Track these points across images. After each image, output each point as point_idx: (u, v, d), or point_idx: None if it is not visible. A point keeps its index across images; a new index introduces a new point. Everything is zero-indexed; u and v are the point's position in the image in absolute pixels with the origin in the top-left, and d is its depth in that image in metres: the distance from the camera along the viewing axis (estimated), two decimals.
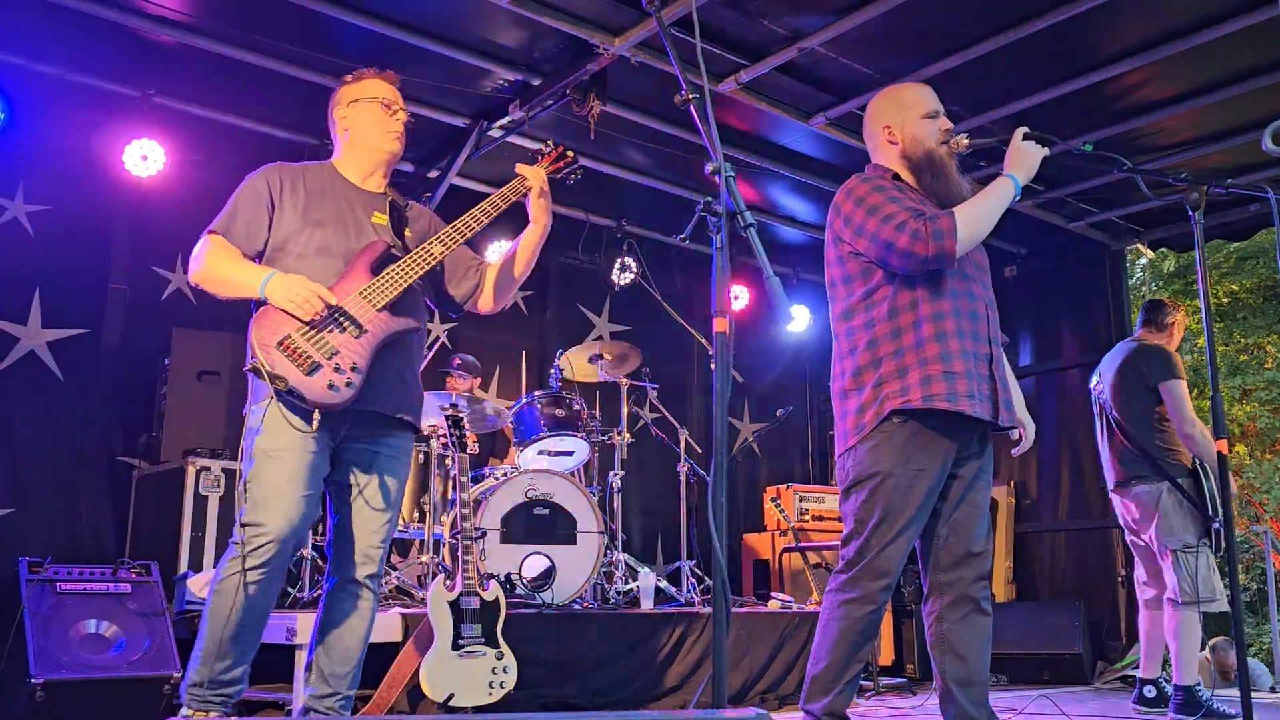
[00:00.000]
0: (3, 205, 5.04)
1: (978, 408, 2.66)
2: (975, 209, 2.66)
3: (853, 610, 2.67)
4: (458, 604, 3.60)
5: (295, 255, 2.75)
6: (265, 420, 2.61)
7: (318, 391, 2.57)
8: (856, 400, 2.74)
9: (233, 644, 2.59)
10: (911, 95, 2.90)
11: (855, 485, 2.72)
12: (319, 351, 2.60)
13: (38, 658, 3.76)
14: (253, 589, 2.58)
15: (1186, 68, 4.72)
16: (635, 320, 7.15)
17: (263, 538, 2.57)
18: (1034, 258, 7.06)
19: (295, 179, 2.84)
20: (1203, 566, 4.19)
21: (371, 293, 2.69)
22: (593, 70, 4.66)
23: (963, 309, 2.72)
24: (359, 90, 2.91)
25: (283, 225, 2.78)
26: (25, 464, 4.93)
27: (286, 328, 2.60)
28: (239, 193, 2.80)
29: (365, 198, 2.90)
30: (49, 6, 4.21)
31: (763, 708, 4.49)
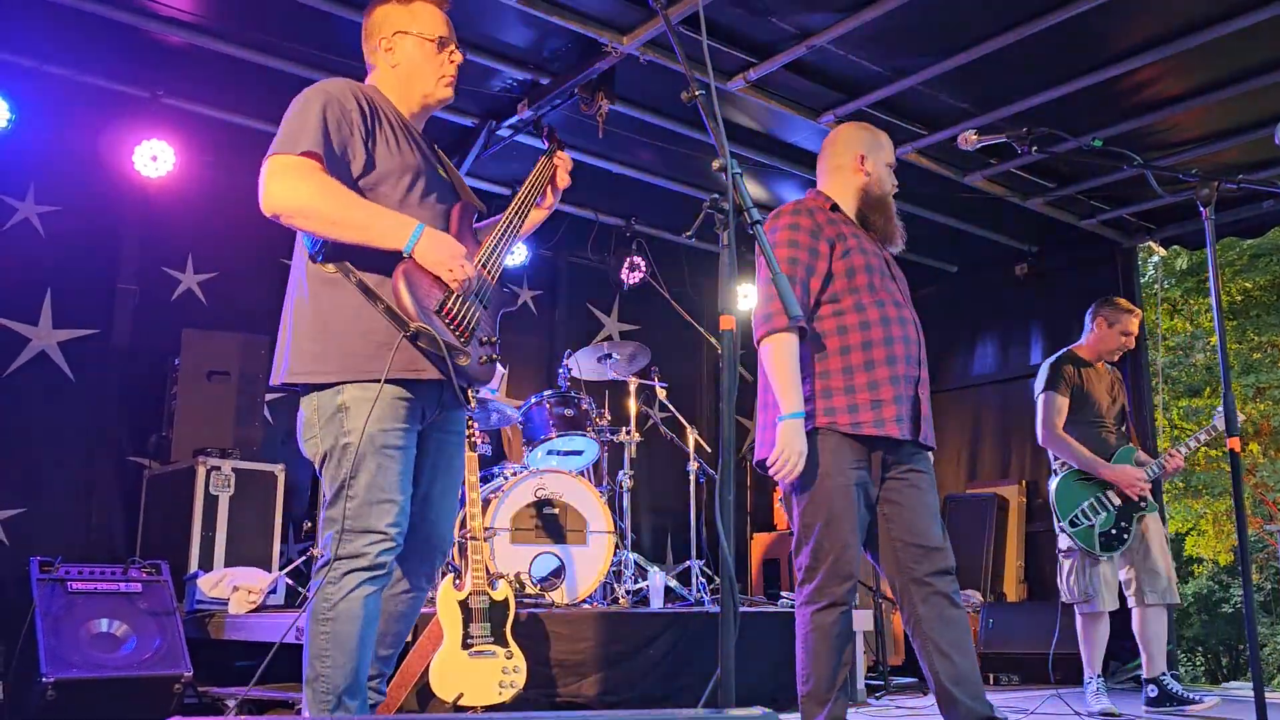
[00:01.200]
0: (14, 206, 5.06)
1: (905, 429, 2.79)
2: (777, 362, 2.76)
3: (825, 618, 2.72)
4: (467, 603, 3.60)
5: (396, 201, 2.34)
6: (362, 404, 2.21)
7: (476, 367, 2.30)
8: (771, 414, 2.83)
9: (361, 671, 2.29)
10: (886, 141, 3.10)
11: (795, 491, 2.79)
12: (471, 321, 2.32)
13: (49, 656, 3.77)
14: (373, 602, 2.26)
15: (1199, 63, 4.68)
16: (644, 319, 7.15)
17: (379, 546, 2.23)
18: (1045, 255, 7.02)
19: (377, 105, 2.39)
20: (1065, 569, 4.47)
21: (489, 261, 2.44)
22: (601, 69, 4.66)
23: (895, 335, 2.83)
24: (410, 19, 2.48)
25: (380, 159, 2.33)
26: (36, 464, 4.95)
27: (439, 291, 2.26)
28: (323, 107, 2.29)
29: (426, 142, 2.54)
30: (58, 8, 4.22)
31: (772, 708, 4.48)
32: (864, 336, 2.80)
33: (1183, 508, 14.78)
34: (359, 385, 2.23)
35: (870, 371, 2.78)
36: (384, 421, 2.23)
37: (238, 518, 4.81)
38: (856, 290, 2.83)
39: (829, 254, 2.83)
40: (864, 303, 2.82)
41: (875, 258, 2.91)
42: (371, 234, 2.22)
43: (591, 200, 6.51)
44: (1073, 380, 4.53)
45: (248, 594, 4.30)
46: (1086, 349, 4.66)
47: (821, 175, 3.11)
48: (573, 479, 4.96)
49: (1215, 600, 14.94)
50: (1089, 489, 4.42)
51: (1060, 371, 4.54)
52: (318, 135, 2.24)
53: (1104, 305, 4.66)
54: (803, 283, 2.80)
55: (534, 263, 6.63)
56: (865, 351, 2.79)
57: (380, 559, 2.24)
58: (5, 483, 4.84)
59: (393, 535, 2.25)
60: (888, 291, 2.87)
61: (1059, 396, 4.49)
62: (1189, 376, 14.51)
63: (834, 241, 2.85)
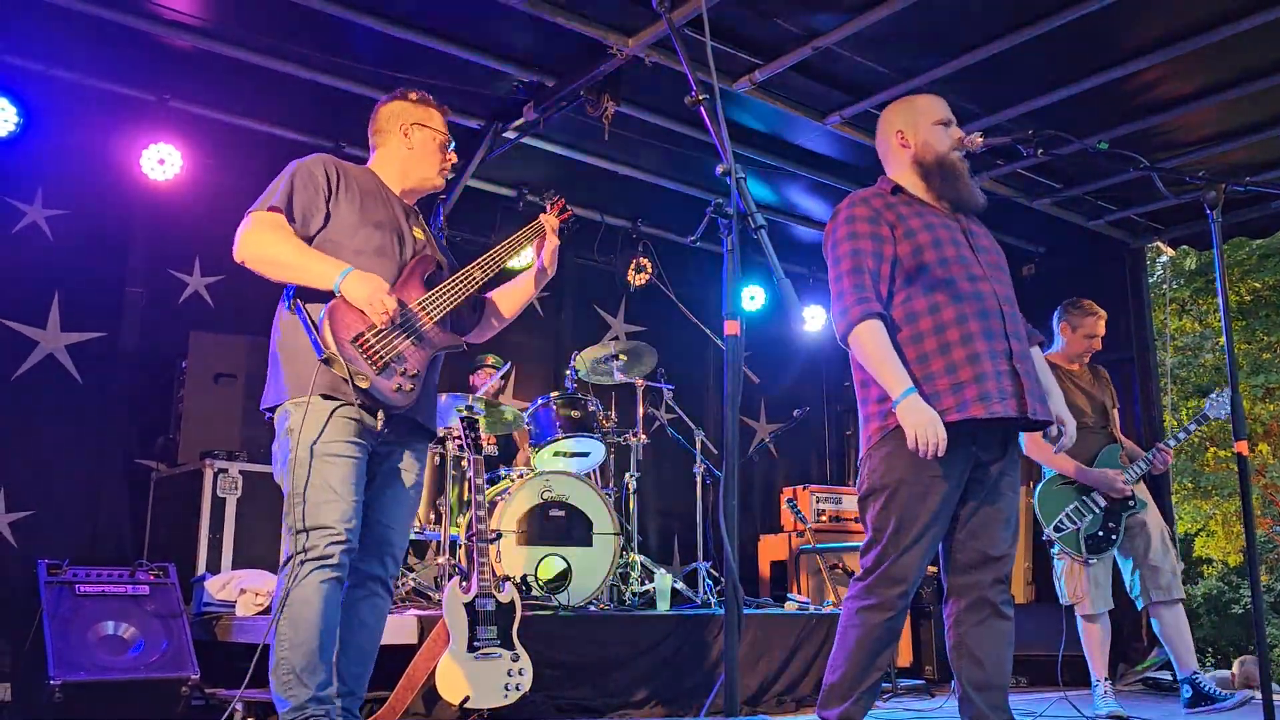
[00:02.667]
0: (22, 210, 5.08)
1: (995, 407, 2.62)
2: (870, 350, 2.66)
3: (870, 618, 2.67)
4: (473, 606, 3.60)
5: (352, 251, 2.70)
6: (323, 421, 2.56)
7: (389, 393, 2.59)
8: (864, 410, 2.78)
9: (320, 655, 2.50)
10: (925, 103, 2.94)
11: (871, 494, 2.72)
12: (389, 353, 2.62)
13: (56, 659, 3.78)
14: (328, 590, 2.50)
15: (1206, 64, 4.67)
16: (651, 321, 7.14)
17: (328, 539, 2.50)
18: (1053, 256, 7.00)
19: (347, 173, 2.82)
20: (1057, 571, 4.49)
21: (430, 305, 2.74)
22: (607, 71, 4.65)
23: (972, 310, 2.68)
24: (427, 117, 2.95)
25: (340, 216, 2.73)
26: (44, 466, 4.97)
27: (359, 325, 2.58)
28: (294, 173, 2.73)
29: (407, 210, 2.93)
30: (66, 13, 4.24)
31: (780, 710, 4.48)
32: (935, 321, 2.68)
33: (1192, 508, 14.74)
34: (297, 404, 2.59)
35: (946, 355, 2.65)
36: (325, 431, 2.56)
37: (245, 520, 4.82)
38: (925, 269, 2.71)
39: (891, 237, 2.73)
40: (934, 282, 2.69)
41: (945, 230, 2.77)
42: (308, 275, 2.61)
43: (597, 202, 6.51)
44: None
45: (255, 596, 4.31)
46: (1058, 355, 4.62)
47: (884, 165, 3.00)
48: (579, 481, 4.96)
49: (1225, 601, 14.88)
50: (1072, 493, 4.40)
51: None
52: (284, 195, 2.67)
53: (1068, 309, 4.64)
54: (873, 272, 2.70)
55: None
56: (938, 336, 2.67)
57: (329, 550, 2.50)
58: (13, 485, 4.86)
59: (343, 531, 2.52)
60: (961, 264, 2.72)
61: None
62: (1198, 377, 14.47)
63: (894, 224, 2.75)
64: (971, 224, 2.89)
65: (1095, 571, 4.37)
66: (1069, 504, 4.39)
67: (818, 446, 8.01)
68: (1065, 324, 4.63)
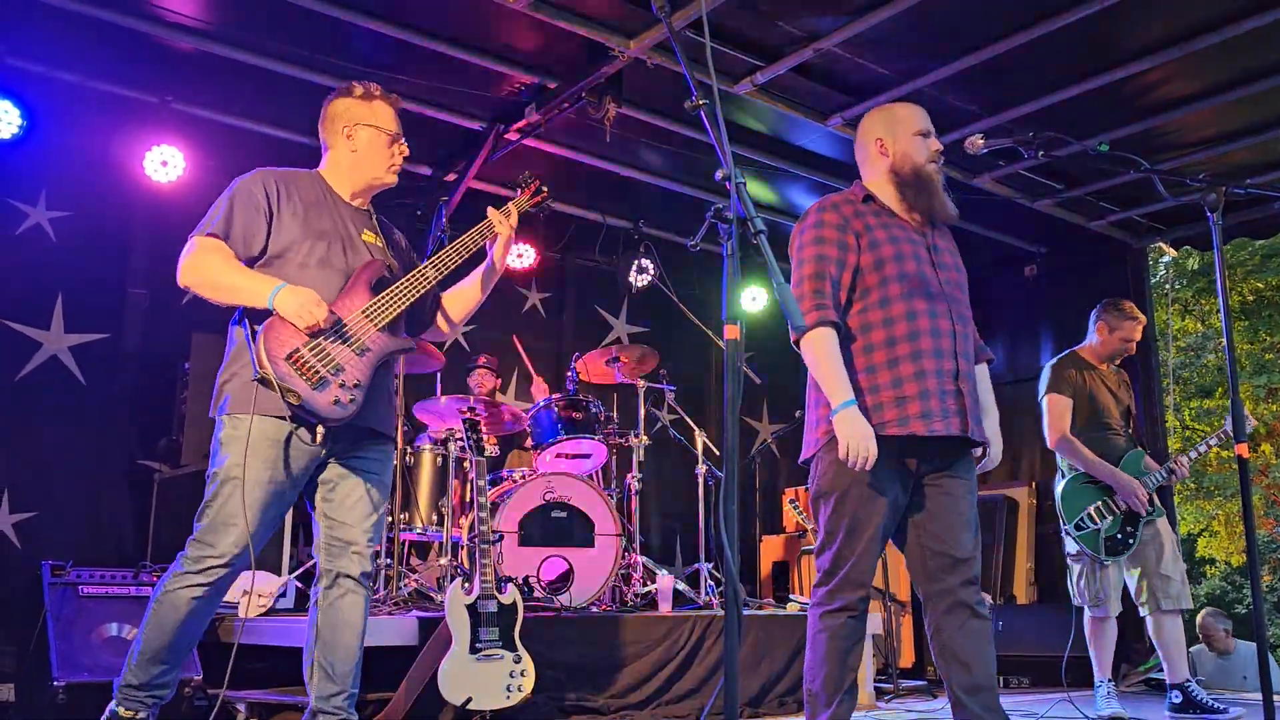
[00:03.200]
0: (25, 211, 5.09)
1: (936, 425, 2.67)
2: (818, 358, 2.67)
3: (835, 621, 2.72)
4: (475, 607, 3.61)
5: (297, 265, 2.73)
6: (233, 441, 2.62)
7: (324, 406, 2.60)
8: (814, 414, 2.80)
9: (169, 652, 2.66)
10: (904, 112, 2.94)
11: (822, 497, 2.77)
12: (325, 367, 2.62)
13: (60, 660, 3.80)
14: (194, 605, 2.63)
15: (1208, 65, 4.67)
16: (653, 322, 7.15)
17: (212, 560, 2.62)
18: (1054, 256, 7.00)
19: (289, 185, 2.82)
20: (1074, 574, 4.46)
21: (373, 312, 2.73)
22: (608, 73, 4.66)
23: (923, 327, 2.72)
24: (370, 114, 2.90)
25: (283, 232, 2.75)
26: (48, 467, 4.98)
27: (295, 341, 2.60)
28: (232, 195, 2.75)
29: (356, 214, 2.92)
30: (69, 15, 4.25)
31: (782, 711, 4.48)
32: (887, 334, 2.72)
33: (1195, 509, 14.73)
34: (232, 421, 2.66)
35: (894, 369, 2.69)
36: (243, 454, 2.61)
37: None
38: (884, 283, 2.73)
39: (856, 246, 2.75)
40: (890, 296, 2.72)
41: (909, 244, 2.79)
42: (245, 296, 2.64)
43: (599, 203, 6.52)
44: (1074, 382, 4.48)
45: (257, 598, 4.31)
46: (1089, 351, 4.60)
47: (860, 169, 3.01)
48: (581, 482, 4.97)
49: (1228, 601, 14.87)
50: (1095, 492, 4.37)
51: (1061, 374, 4.49)
52: (224, 220, 2.70)
53: (1107, 309, 4.59)
54: (834, 279, 2.72)
55: (542, 265, 6.64)
56: (889, 349, 2.71)
57: (211, 571, 2.62)
58: (17, 486, 4.87)
59: (229, 556, 2.62)
60: (921, 280, 2.75)
61: (1062, 398, 4.44)
62: (1201, 377, 14.46)
63: (860, 234, 2.77)
64: (938, 238, 2.91)
65: (1112, 573, 4.35)
66: (1091, 503, 4.35)
67: None
68: (1102, 323, 4.57)
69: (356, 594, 2.80)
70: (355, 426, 2.73)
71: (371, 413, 2.75)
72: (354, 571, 2.79)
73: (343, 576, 2.79)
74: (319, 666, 2.77)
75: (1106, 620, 4.41)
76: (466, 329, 6.45)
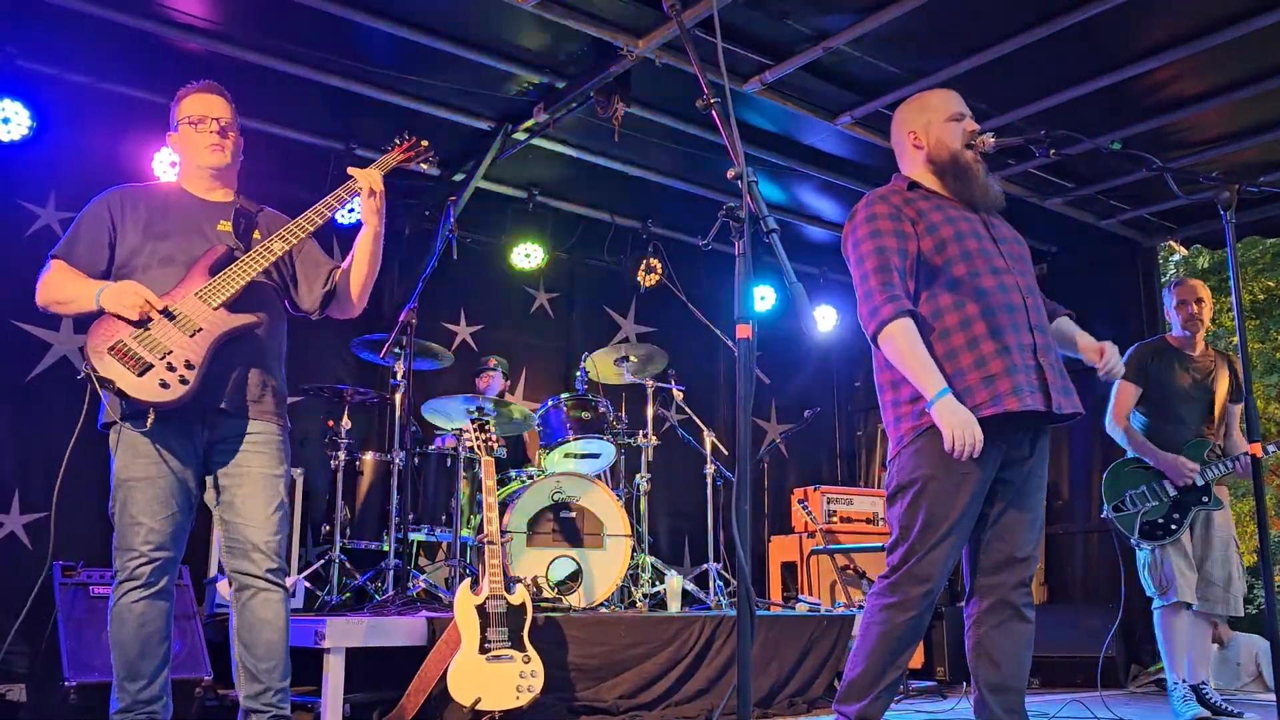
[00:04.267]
0: (35, 213, 5.10)
1: (1026, 400, 2.59)
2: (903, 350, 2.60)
3: (893, 616, 2.64)
4: (484, 607, 3.61)
5: (140, 269, 2.82)
6: (120, 446, 2.74)
7: (148, 390, 2.63)
8: (894, 412, 2.73)
9: (141, 662, 2.72)
10: (936, 100, 2.90)
11: (899, 491, 2.69)
12: (151, 353, 2.65)
13: (71, 660, 3.80)
14: (138, 608, 2.71)
15: (1219, 62, 4.65)
16: (661, 321, 7.14)
17: (135, 562, 2.71)
18: (1065, 255, 6.98)
19: (136, 199, 2.92)
20: (1140, 563, 4.29)
21: (207, 292, 2.75)
22: (617, 72, 4.66)
23: (996, 303, 2.65)
24: (176, 113, 2.99)
25: (126, 242, 2.86)
26: (58, 468, 4.98)
27: (120, 333, 2.66)
28: (80, 217, 2.89)
29: (211, 209, 2.97)
30: (78, 16, 4.26)
31: (791, 712, 4.47)
32: (961, 315, 2.64)
33: None
34: (111, 431, 2.79)
35: (974, 350, 2.61)
36: (124, 458, 2.76)
37: None
38: (949, 264, 2.67)
39: (914, 233, 2.70)
40: (957, 277, 2.66)
41: (965, 222, 2.75)
42: (77, 304, 2.75)
43: (607, 203, 6.52)
44: (1145, 367, 4.38)
45: None
46: (1172, 335, 4.49)
47: (899, 163, 2.97)
48: (590, 482, 4.97)
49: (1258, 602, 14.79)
50: (1143, 476, 4.26)
51: (1135, 357, 4.40)
52: (67, 243, 2.85)
53: (1168, 288, 4.54)
54: (900, 269, 2.65)
55: (550, 265, 6.64)
56: (965, 331, 2.63)
57: (138, 570, 2.72)
58: (28, 487, 4.88)
59: (145, 551, 2.72)
60: (984, 257, 2.70)
61: (1125, 384, 4.36)
62: None
63: (915, 220, 2.71)
64: (991, 215, 2.87)
65: (1176, 558, 4.15)
66: (1136, 487, 4.26)
67: (829, 447, 8.00)
68: (1168, 307, 4.52)
69: (268, 591, 2.81)
70: (204, 407, 2.74)
71: (221, 393, 2.77)
72: (258, 571, 2.80)
73: (248, 577, 2.80)
74: (242, 668, 2.81)
75: (1176, 610, 4.18)
76: (474, 328, 6.45)
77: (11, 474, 4.86)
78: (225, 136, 2.98)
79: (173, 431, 2.74)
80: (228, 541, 2.83)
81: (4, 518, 4.78)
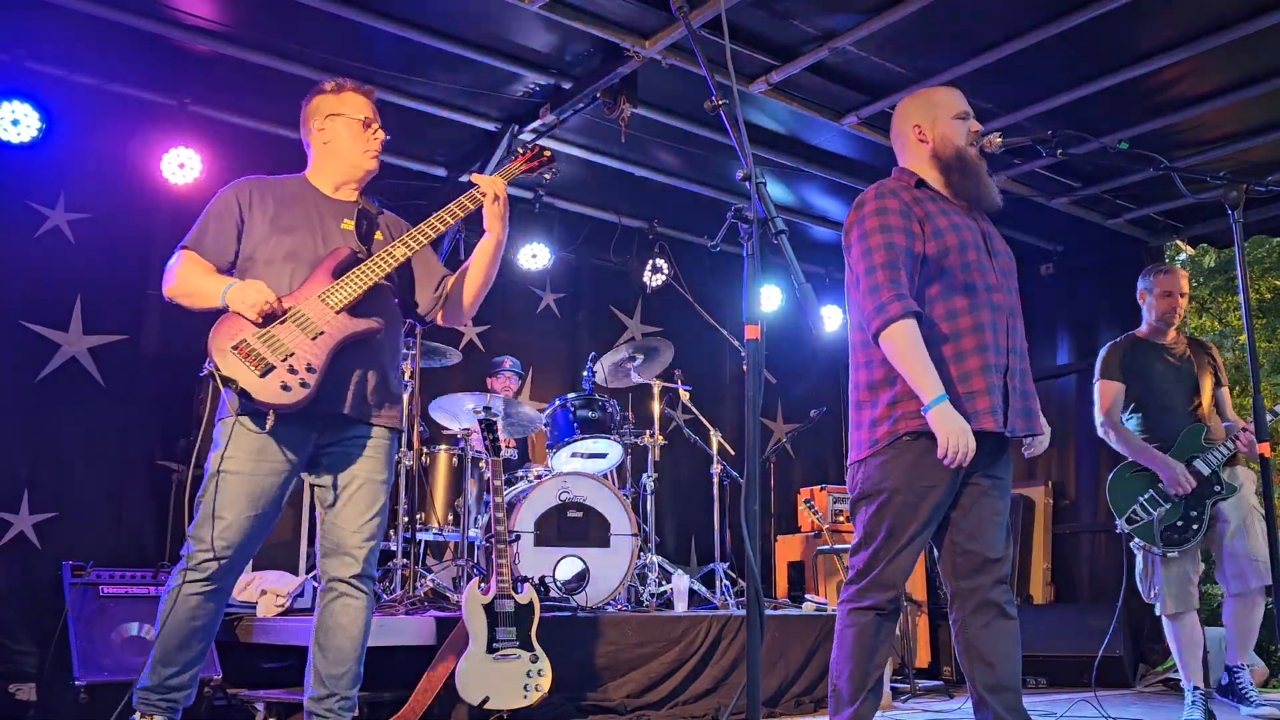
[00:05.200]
0: (44, 214, 5.12)
1: (1000, 421, 2.64)
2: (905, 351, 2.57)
3: (862, 619, 2.69)
4: (492, 607, 3.62)
5: (263, 263, 2.81)
6: (229, 437, 2.69)
7: (270, 392, 2.61)
8: (870, 414, 2.72)
9: (177, 652, 2.69)
10: (942, 96, 2.88)
11: (864, 499, 2.72)
12: (274, 354, 2.64)
13: (81, 660, 3.82)
14: (194, 600, 2.68)
15: (1225, 61, 4.64)
16: (668, 321, 7.15)
17: (203, 554, 2.67)
18: (1071, 255, 6.97)
19: (265, 190, 2.90)
20: (1137, 567, 4.19)
21: (330, 295, 2.74)
22: (623, 73, 4.66)
23: (984, 321, 2.67)
24: (340, 104, 2.96)
25: (252, 235, 2.84)
26: (68, 468, 5.01)
27: (243, 332, 2.65)
28: (210, 207, 2.87)
29: (335, 206, 2.95)
30: (87, 18, 4.28)
31: (798, 711, 4.48)
32: (952, 327, 2.65)
33: None
34: (222, 423, 2.75)
35: (960, 363, 2.63)
36: (227, 449, 2.69)
37: None
38: (949, 273, 2.67)
39: (921, 233, 2.67)
40: (953, 286, 2.66)
41: (968, 231, 2.73)
42: (204, 299, 2.74)
43: (614, 203, 6.52)
44: (1122, 363, 4.27)
45: (275, 597, 4.33)
46: (1145, 327, 4.37)
47: (899, 157, 2.94)
48: (597, 482, 4.98)
49: None
50: (1146, 481, 4.10)
51: (1109, 356, 4.31)
52: (197, 233, 2.84)
53: (1144, 275, 4.39)
54: (907, 267, 2.64)
55: (557, 266, 6.65)
56: (954, 343, 2.64)
57: (203, 564, 2.68)
58: (38, 487, 4.90)
59: (217, 547, 2.68)
60: (980, 271, 2.69)
61: (1108, 383, 4.26)
62: None
63: (923, 221, 2.69)
64: (986, 224, 2.86)
65: (1173, 568, 4.03)
66: (1143, 493, 4.08)
67: (835, 447, 8.00)
68: (1142, 290, 4.36)
69: (351, 598, 2.81)
70: (324, 415, 2.74)
71: (339, 398, 2.76)
72: (345, 575, 2.80)
73: (335, 580, 2.81)
74: (314, 669, 2.81)
75: (1179, 620, 4.06)
76: (481, 328, 6.46)
77: (21, 474, 4.88)
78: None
79: (286, 433, 2.72)
80: (322, 541, 2.83)
81: (13, 518, 4.80)
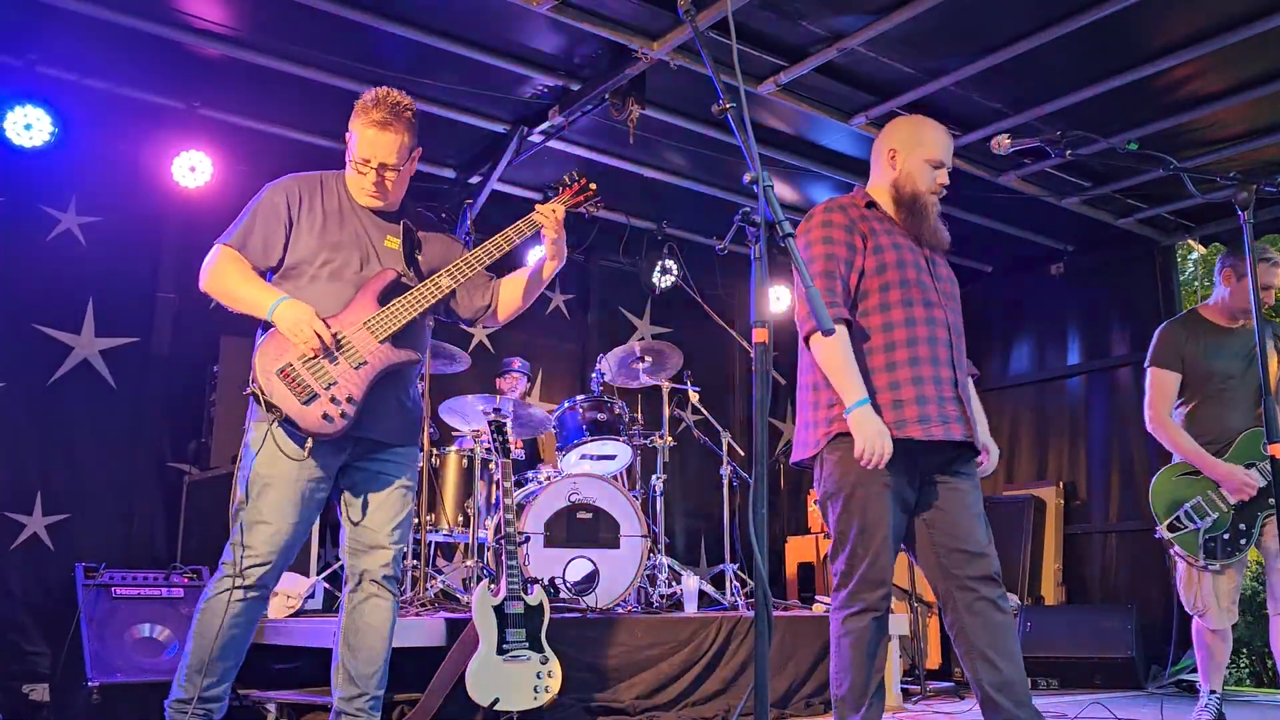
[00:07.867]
0: (56, 217, 5.15)
1: (934, 430, 2.69)
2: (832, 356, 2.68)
3: (858, 624, 2.70)
4: (502, 608, 3.62)
5: (309, 277, 2.77)
6: (263, 445, 2.68)
7: (312, 421, 2.64)
8: (812, 414, 2.82)
9: (219, 661, 2.68)
10: (929, 134, 2.92)
11: (829, 498, 2.77)
12: (318, 381, 2.66)
13: (93, 661, 3.84)
14: (237, 608, 2.67)
15: (1238, 60, 4.62)
16: (676, 322, 7.15)
17: (250, 561, 2.67)
18: (1082, 254, 6.95)
19: (313, 194, 2.84)
20: (1178, 573, 3.87)
21: (376, 324, 2.73)
22: (632, 75, 4.67)
23: (921, 335, 2.75)
24: (356, 127, 2.81)
25: (299, 244, 2.79)
26: (80, 470, 5.04)
27: (289, 355, 2.66)
28: (257, 205, 2.80)
29: (378, 220, 2.89)
30: (99, 23, 4.30)
31: (808, 712, 4.47)
32: (886, 339, 2.75)
33: None
34: (255, 426, 2.73)
35: (890, 373, 2.72)
36: (266, 456, 2.68)
37: None
38: (885, 288, 2.77)
39: (862, 249, 2.79)
40: (890, 302, 2.76)
41: (910, 252, 2.84)
42: (250, 306, 2.71)
43: (623, 204, 6.52)
44: (1182, 349, 3.84)
45: (286, 599, 4.35)
46: (1214, 308, 3.90)
47: (871, 168, 3.03)
48: (606, 483, 4.98)
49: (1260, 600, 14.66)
50: (1196, 486, 3.74)
51: (1165, 339, 3.88)
52: (243, 230, 2.76)
53: (1233, 252, 3.86)
54: (843, 278, 2.76)
55: (565, 267, 6.59)
56: (887, 354, 2.74)
57: (249, 569, 2.67)
58: (50, 489, 4.93)
59: (264, 553, 2.68)
60: (920, 289, 2.79)
61: (1161, 371, 3.84)
62: None
63: (865, 237, 2.80)
64: (934, 253, 2.93)
65: (1218, 582, 3.69)
66: (1191, 499, 3.73)
67: None
68: (1229, 270, 3.82)
69: (380, 599, 2.83)
70: (357, 439, 2.76)
71: (374, 424, 2.76)
72: (375, 567, 2.81)
73: (367, 578, 2.82)
74: (343, 668, 2.81)
75: (1219, 632, 3.76)
76: (489, 329, 6.47)
77: (34, 476, 4.91)
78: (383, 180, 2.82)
79: (321, 450, 2.73)
80: (351, 543, 2.84)
81: (26, 519, 4.83)
